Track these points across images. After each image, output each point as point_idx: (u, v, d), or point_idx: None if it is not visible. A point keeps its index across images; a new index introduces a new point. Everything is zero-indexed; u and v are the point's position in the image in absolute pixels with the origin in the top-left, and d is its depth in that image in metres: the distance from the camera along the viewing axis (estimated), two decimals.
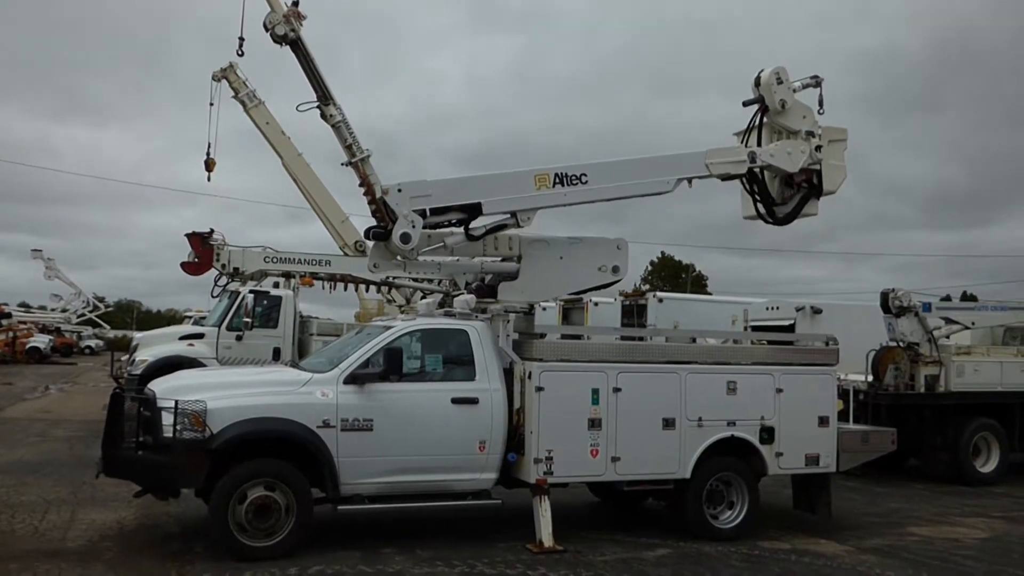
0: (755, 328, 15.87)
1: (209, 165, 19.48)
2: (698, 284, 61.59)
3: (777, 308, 16.64)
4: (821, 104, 9.24)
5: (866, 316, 14.26)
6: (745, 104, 9.26)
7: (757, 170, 9.17)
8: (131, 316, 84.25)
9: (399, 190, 7.87)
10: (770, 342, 9.86)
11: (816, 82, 9.25)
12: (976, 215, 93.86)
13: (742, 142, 9.22)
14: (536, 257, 8.55)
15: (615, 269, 8.71)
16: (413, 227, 7.78)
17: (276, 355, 15.65)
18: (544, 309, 18.26)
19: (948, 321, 14.03)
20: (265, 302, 16.12)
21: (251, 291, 15.97)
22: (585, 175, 8.31)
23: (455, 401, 7.60)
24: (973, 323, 14.32)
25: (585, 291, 9.62)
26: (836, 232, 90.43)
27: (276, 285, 17.13)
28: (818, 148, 9.13)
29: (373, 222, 8.18)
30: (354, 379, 7.39)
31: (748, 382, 8.52)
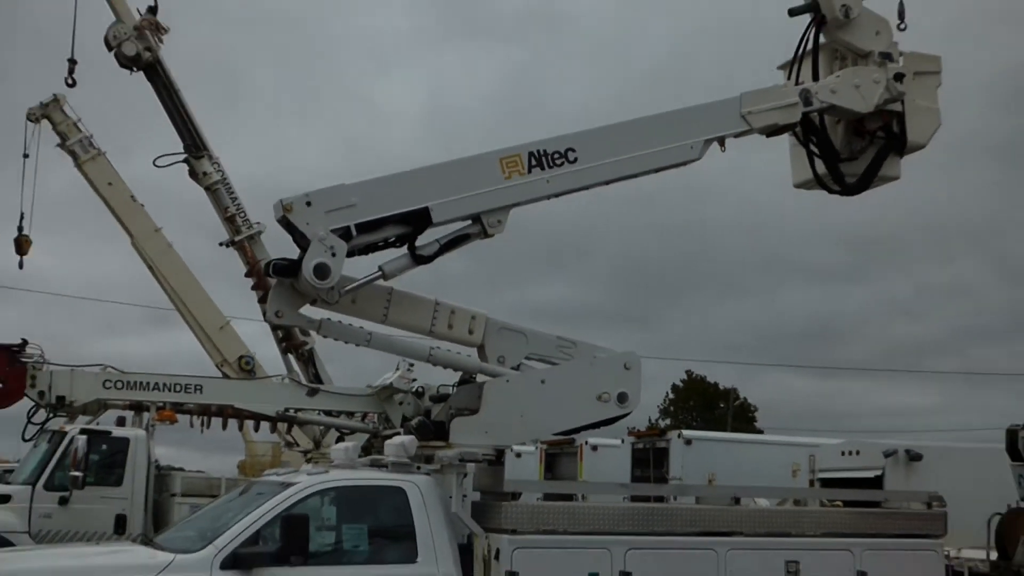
0: (825, 482, 15.87)
1: (22, 245, 19.41)
2: (743, 417, 61.80)
3: (857, 453, 16.61)
4: (901, 17, 9.36)
5: (985, 464, 14.35)
6: (792, 13, 9.30)
7: (815, 116, 9.24)
8: None
9: (308, 203, 7.91)
10: (847, 503, 9.94)
11: None
12: None
13: (789, 76, 9.33)
14: (505, 381, 8.62)
15: (622, 398, 8.76)
16: (333, 255, 7.77)
17: (120, 525, 15.40)
18: (518, 456, 18.21)
19: None
20: (104, 447, 15.94)
21: (83, 431, 15.78)
22: (572, 150, 8.48)
23: None
24: None
25: (579, 429, 9.62)
26: (952, 339, 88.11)
27: (121, 422, 16.97)
28: (899, 78, 9.14)
29: (265, 328, 8.21)
30: (237, 561, 7.35)
31: (817, 562, 8.55)
